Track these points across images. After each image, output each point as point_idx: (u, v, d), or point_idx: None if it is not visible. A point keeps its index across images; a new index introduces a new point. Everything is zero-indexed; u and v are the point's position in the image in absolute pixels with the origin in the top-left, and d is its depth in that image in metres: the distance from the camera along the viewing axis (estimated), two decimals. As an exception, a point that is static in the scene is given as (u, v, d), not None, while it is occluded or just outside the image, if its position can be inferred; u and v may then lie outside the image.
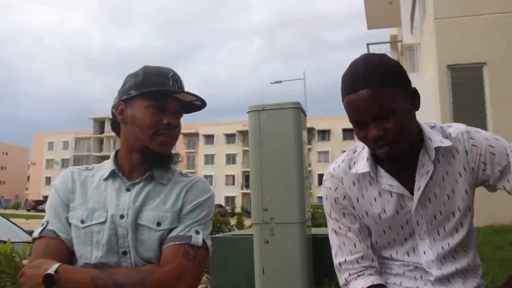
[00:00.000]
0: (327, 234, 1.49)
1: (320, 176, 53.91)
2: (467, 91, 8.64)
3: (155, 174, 1.46)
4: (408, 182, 1.39)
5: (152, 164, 1.46)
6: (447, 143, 1.37)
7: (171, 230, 1.39)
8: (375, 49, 20.76)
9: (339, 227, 1.49)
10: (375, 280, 1.41)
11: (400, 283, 1.42)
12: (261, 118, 3.86)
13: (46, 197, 72.81)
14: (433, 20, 8.87)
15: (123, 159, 1.49)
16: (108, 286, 1.28)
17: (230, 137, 73.72)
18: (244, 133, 70.72)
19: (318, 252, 4.24)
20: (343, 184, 1.47)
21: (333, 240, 1.51)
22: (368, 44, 14.41)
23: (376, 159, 1.43)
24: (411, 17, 12.56)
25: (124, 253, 1.37)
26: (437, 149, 1.37)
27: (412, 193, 1.38)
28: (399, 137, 1.30)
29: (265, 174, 4.06)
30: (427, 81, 9.55)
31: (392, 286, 1.43)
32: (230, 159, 72.17)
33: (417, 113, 1.40)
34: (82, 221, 1.40)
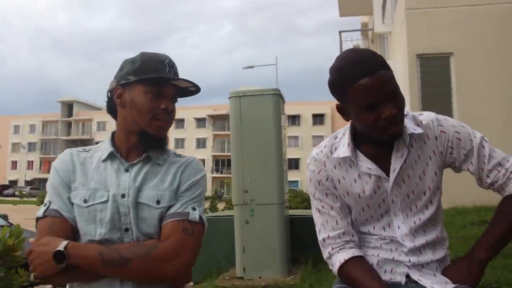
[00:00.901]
0: (302, 215, 1.66)
1: (291, 160, 54.32)
2: (435, 79, 8.94)
3: (151, 155, 1.54)
4: (384, 165, 1.55)
5: (149, 146, 1.54)
6: (419, 130, 1.52)
7: (169, 207, 1.49)
8: (347, 37, 20.98)
9: (322, 206, 1.62)
10: (355, 252, 1.56)
11: (378, 254, 1.57)
12: (242, 104, 4.00)
13: (12, 182, 71.23)
14: (404, 10, 9.11)
15: (120, 141, 1.57)
16: (115, 260, 1.36)
17: (200, 121, 73.11)
18: (214, 118, 70.35)
19: (294, 232, 4.45)
20: (325, 167, 1.61)
21: (317, 218, 1.65)
22: (340, 32, 14.63)
23: (355, 145, 1.59)
24: (382, 6, 12.79)
25: (126, 229, 1.46)
26: (411, 135, 1.53)
27: (388, 174, 1.54)
28: (403, 116, 1.46)
29: (246, 157, 4.22)
30: (398, 69, 9.82)
31: (371, 258, 1.57)
32: (201, 143, 71.73)
33: None
34: (85, 201, 1.47)
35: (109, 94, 1.60)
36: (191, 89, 1.63)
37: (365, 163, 1.57)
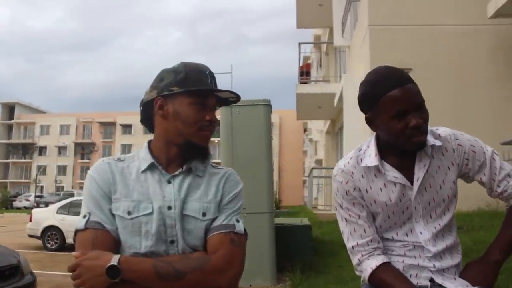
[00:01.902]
0: (287, 224, 1.73)
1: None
2: (395, 93, 9.30)
3: (192, 167, 1.54)
4: (407, 175, 1.67)
5: (193, 157, 1.54)
6: (438, 143, 1.66)
7: (213, 219, 1.49)
8: (306, 48, 21.40)
9: (350, 215, 1.72)
10: (384, 258, 1.66)
11: (403, 261, 1.67)
12: (233, 113, 4.08)
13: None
14: (368, 26, 9.48)
15: (160, 152, 1.54)
16: (171, 274, 1.35)
17: (149, 128, 71.86)
18: (163, 124, 69.16)
19: (280, 239, 4.51)
20: (352, 178, 1.71)
21: (344, 227, 1.74)
22: (300, 43, 15.02)
23: (381, 156, 1.71)
24: (342, 21, 13.19)
25: (172, 241, 1.44)
26: (432, 147, 1.67)
27: (411, 183, 1.66)
28: (427, 128, 1.61)
29: (236, 166, 4.24)
30: (358, 82, 10.11)
31: (396, 264, 1.67)
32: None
33: (352, 109, 1.60)
34: (129, 213, 1.44)
35: (142, 103, 1.59)
36: (231, 99, 1.64)
37: (391, 172, 1.68)
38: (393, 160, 1.70)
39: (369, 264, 1.67)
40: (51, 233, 13.20)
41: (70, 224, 13.06)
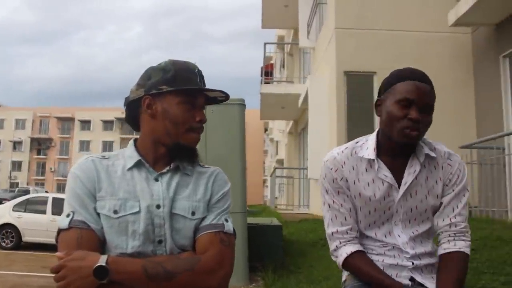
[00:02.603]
0: (258, 224, 1.74)
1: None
2: (359, 95, 9.53)
3: (180, 165, 1.51)
4: (396, 177, 1.73)
5: (181, 158, 1.52)
6: (432, 154, 1.74)
7: (202, 218, 1.47)
8: (270, 49, 21.47)
9: (333, 201, 1.77)
10: (359, 247, 1.73)
11: (383, 260, 1.72)
12: (207, 112, 3.99)
13: None
14: (334, 29, 9.61)
15: (147, 150, 1.51)
16: (160, 275, 1.31)
17: (107, 124, 70.67)
18: (122, 121, 68.00)
19: (251, 239, 4.51)
20: (343, 168, 1.76)
21: (326, 212, 1.79)
22: (265, 43, 15.10)
23: (377, 153, 1.74)
24: (308, 23, 13.31)
25: (160, 241, 1.41)
26: (426, 155, 1.73)
27: (399, 186, 1.72)
28: (423, 131, 1.68)
29: (210, 165, 4.14)
30: (324, 83, 10.29)
31: (376, 263, 1.71)
32: (107, 146, 69.25)
33: (317, 110, 1.61)
34: (115, 211, 1.40)
35: (127, 102, 1.55)
36: (220, 98, 1.62)
37: (383, 170, 1.74)
38: (386, 160, 1.75)
39: (345, 250, 1.73)
40: (6, 231, 12.84)
41: (27, 222, 12.72)
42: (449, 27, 8.63)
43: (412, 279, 1.69)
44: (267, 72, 17.93)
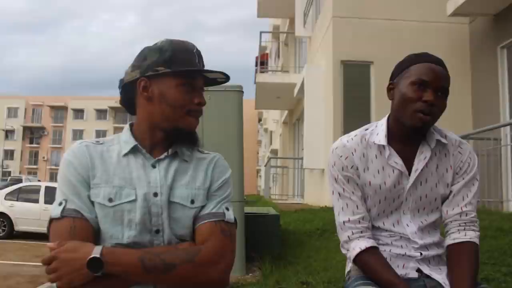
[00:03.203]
0: (254, 213, 1.67)
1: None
2: (356, 85, 9.49)
3: (178, 151, 1.46)
4: (407, 164, 1.67)
5: (181, 143, 1.46)
6: (444, 140, 1.69)
7: (202, 207, 1.41)
8: (265, 38, 21.36)
9: (343, 189, 1.70)
10: (373, 243, 1.65)
11: (390, 250, 1.67)
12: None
13: None
14: (331, 18, 9.51)
15: (143, 135, 1.44)
16: (158, 267, 1.25)
17: (101, 113, 70.44)
18: (116, 110, 68.05)
19: (248, 229, 4.45)
20: (353, 155, 1.70)
21: (336, 201, 1.72)
22: (261, 32, 14.96)
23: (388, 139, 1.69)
24: (304, 12, 13.20)
25: (157, 231, 1.36)
26: (438, 141, 1.68)
27: (409, 173, 1.66)
28: (437, 116, 1.63)
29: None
30: (320, 72, 10.22)
31: (383, 253, 1.65)
32: (100, 135, 68.71)
33: (314, 100, 1.54)
34: (110, 200, 1.34)
35: (122, 84, 1.48)
36: (219, 80, 1.54)
37: (393, 156, 1.68)
38: (396, 146, 1.69)
39: (358, 244, 1.65)
40: (-1, 220, 12.71)
41: (19, 211, 12.66)
42: (447, 17, 8.59)
43: (419, 270, 1.64)
44: (262, 62, 17.83)
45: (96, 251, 1.22)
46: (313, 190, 11.15)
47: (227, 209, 1.44)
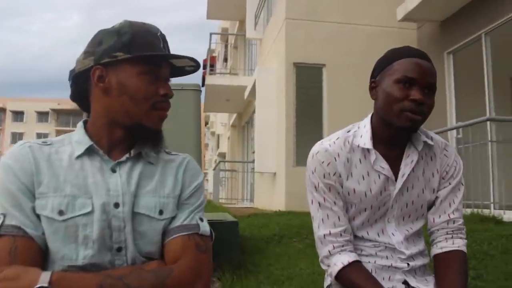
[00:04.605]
0: (212, 220, 1.48)
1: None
2: (308, 87, 9.50)
3: (142, 152, 1.25)
4: (392, 168, 1.53)
5: (143, 142, 1.25)
6: (430, 142, 1.56)
7: (172, 218, 1.22)
8: (214, 40, 21.17)
9: (324, 199, 1.53)
10: (356, 256, 1.51)
11: (375, 261, 1.53)
12: (160, 97, 3.73)
13: None
14: (284, 20, 9.47)
15: (100, 134, 1.23)
16: None
17: (42, 115, 67.73)
18: (58, 112, 65.82)
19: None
20: (336, 161, 1.53)
21: (315, 212, 1.56)
22: (211, 34, 14.84)
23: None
24: (256, 14, 13.15)
25: (119, 249, 1.15)
26: (425, 143, 1.55)
27: (396, 179, 1.53)
28: (427, 115, 1.48)
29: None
30: (272, 75, 10.16)
31: (367, 265, 1.52)
32: (42, 138, 66.40)
33: (265, 102, 1.43)
34: (61, 212, 1.12)
35: (73, 74, 1.25)
36: (188, 69, 1.35)
37: (379, 161, 1.53)
38: (381, 149, 1.55)
39: (340, 259, 1.50)
40: None
41: None
42: (397, 22, 8.74)
43: (405, 282, 1.52)
44: (212, 65, 17.64)
45: (43, 279, 1.01)
46: (264, 194, 11.04)
47: (201, 219, 1.25)
